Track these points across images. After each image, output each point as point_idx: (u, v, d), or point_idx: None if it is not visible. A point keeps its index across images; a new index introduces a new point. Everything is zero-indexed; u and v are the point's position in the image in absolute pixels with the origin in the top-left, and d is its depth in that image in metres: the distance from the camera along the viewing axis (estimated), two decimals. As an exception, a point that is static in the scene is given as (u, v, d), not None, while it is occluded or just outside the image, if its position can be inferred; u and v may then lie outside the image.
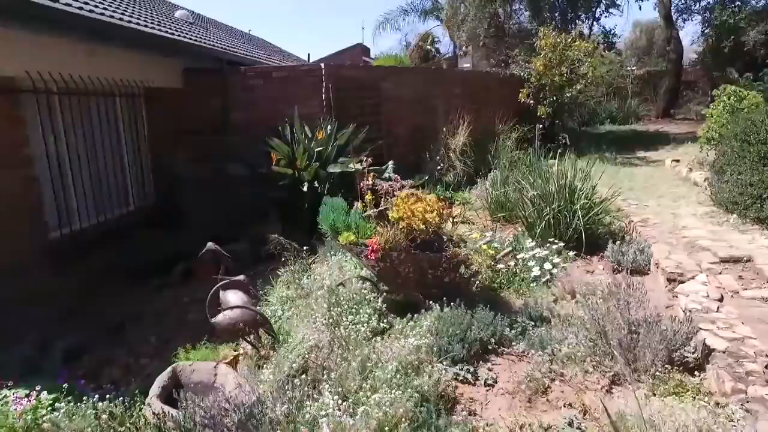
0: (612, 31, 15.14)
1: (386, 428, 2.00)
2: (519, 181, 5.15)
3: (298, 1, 76.84)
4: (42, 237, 4.30)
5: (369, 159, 4.95)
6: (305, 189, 5.73)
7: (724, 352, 2.42)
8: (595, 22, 14.87)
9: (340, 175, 5.91)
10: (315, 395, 2.27)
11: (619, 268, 3.91)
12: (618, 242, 4.16)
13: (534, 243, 4.08)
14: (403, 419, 2.05)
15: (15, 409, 2.46)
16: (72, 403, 2.39)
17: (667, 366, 2.37)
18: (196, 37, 7.05)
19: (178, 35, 6.22)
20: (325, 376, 2.39)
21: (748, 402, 2.14)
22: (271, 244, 4.41)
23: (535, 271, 3.54)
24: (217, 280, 3.16)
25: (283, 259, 4.08)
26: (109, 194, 5.37)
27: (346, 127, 6.37)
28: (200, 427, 1.94)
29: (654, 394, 2.28)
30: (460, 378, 2.53)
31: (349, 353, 2.55)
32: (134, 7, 6.58)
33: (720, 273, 3.57)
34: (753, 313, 2.93)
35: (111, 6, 5.42)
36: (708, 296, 3.11)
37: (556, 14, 13.99)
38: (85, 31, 4.45)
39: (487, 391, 2.49)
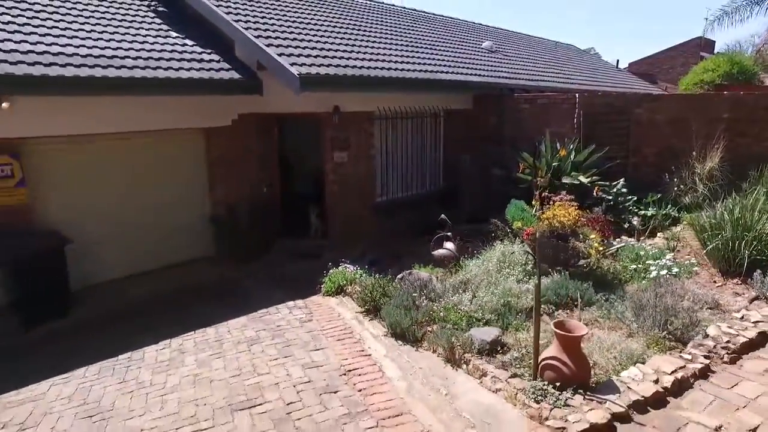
0: None
1: (479, 311, 4.33)
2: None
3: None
4: (373, 200, 7.98)
5: (595, 175, 6.76)
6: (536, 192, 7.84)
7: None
8: None
9: (571, 185, 7.74)
10: (461, 292, 4.76)
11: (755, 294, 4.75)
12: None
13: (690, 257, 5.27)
14: (489, 310, 4.32)
15: (349, 270, 5.82)
16: (366, 275, 5.53)
17: (658, 331, 3.81)
18: (488, 71, 9.84)
19: (475, 75, 9.15)
20: (471, 286, 4.83)
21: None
22: (493, 225, 6.86)
23: (653, 273, 4.92)
24: (444, 235, 5.91)
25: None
26: (413, 178, 8.83)
27: (590, 147, 8.05)
28: (410, 283, 4.73)
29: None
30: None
31: (491, 282, 4.88)
32: (452, 55, 9.86)
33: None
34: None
35: (435, 62, 8.76)
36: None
37: None
38: (421, 86, 7.82)
39: (551, 317, 4.37)
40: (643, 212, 7.65)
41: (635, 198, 7.92)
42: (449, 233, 5.95)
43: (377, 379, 3.68)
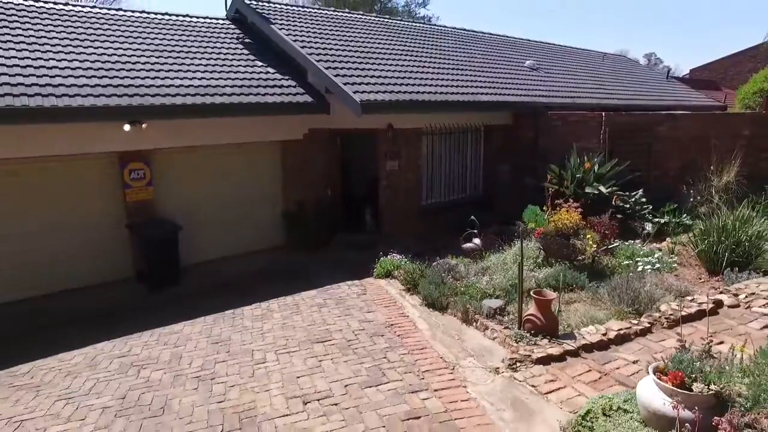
0: None
1: (492, 288, 5.83)
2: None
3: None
4: (419, 203, 9.59)
5: (615, 186, 8.09)
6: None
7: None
8: None
9: (593, 194, 9.01)
10: (480, 275, 6.28)
11: (724, 289, 5.97)
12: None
13: (674, 256, 6.53)
14: (500, 288, 5.82)
15: (396, 259, 7.44)
16: (409, 262, 7.13)
17: (624, 306, 5.17)
18: (526, 90, 11.20)
19: (513, 95, 10.56)
20: (489, 271, 6.33)
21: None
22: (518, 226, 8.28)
23: (639, 268, 6.23)
24: (472, 232, 7.43)
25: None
26: (454, 185, 10.36)
27: (612, 161, 9.28)
28: (441, 267, 6.30)
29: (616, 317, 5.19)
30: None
31: (505, 269, 6.36)
32: (494, 75, 11.32)
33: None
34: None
35: (477, 84, 10.26)
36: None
37: None
38: (463, 107, 9.35)
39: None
40: (657, 219, 8.81)
41: (652, 207, 9.08)
42: (476, 231, 7.46)
43: (411, 330, 5.29)
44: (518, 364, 4.24)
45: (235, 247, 9.11)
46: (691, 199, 9.21)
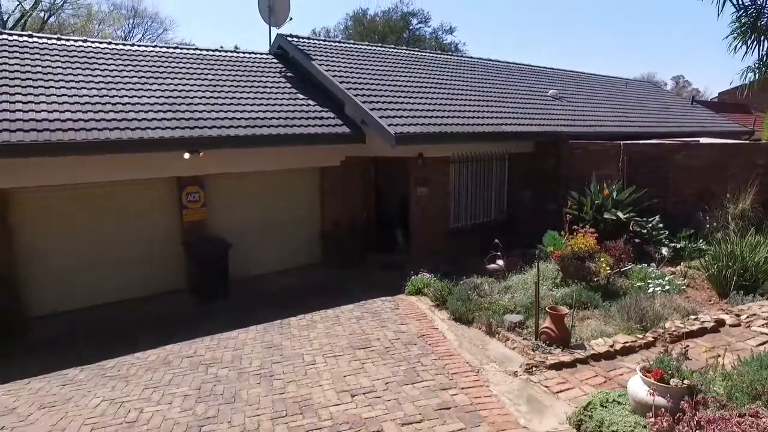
0: None
1: (513, 305, 6.57)
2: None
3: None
4: (447, 225, 10.41)
5: (633, 212, 8.76)
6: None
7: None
8: None
9: (611, 220, 9.67)
10: (503, 293, 7.03)
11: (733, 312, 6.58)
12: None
13: (685, 279, 7.18)
14: (520, 305, 6.56)
15: (426, 277, 8.24)
16: (438, 281, 7.91)
17: (633, 323, 5.85)
18: (549, 119, 11.99)
19: (536, 125, 11.36)
20: (511, 290, 7.08)
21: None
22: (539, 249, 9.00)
23: (650, 289, 6.88)
24: (495, 254, 8.20)
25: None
26: (480, 209, 11.15)
27: (630, 188, 9.95)
28: (467, 285, 7.08)
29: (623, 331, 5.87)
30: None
31: (526, 288, 7.10)
32: (518, 105, 12.15)
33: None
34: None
35: (501, 115, 11.10)
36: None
37: None
38: (488, 137, 10.19)
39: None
40: (673, 245, 9.41)
41: (669, 232, 9.67)
42: (500, 253, 8.23)
43: (440, 340, 6.07)
44: (534, 368, 4.98)
45: (277, 264, 10.05)
46: (707, 226, 9.77)
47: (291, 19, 12.93)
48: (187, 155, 8.46)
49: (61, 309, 8.11)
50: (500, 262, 8.27)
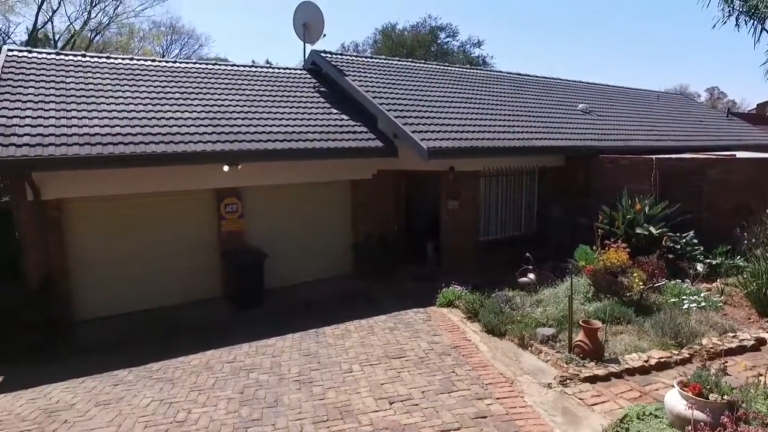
0: None
1: (545, 318, 6.65)
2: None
3: None
4: (477, 238, 10.52)
5: (666, 227, 8.76)
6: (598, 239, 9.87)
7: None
8: None
9: (643, 235, 9.65)
10: (535, 306, 7.11)
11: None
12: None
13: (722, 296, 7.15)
14: (552, 319, 6.63)
15: (457, 290, 8.37)
16: (469, 294, 8.03)
17: (667, 339, 5.87)
18: (579, 134, 12.03)
19: (566, 139, 11.43)
20: (542, 303, 7.16)
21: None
22: (570, 263, 9.04)
23: (685, 305, 6.87)
24: (527, 267, 8.29)
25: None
26: (510, 222, 11.24)
27: (662, 203, 9.91)
28: (499, 298, 7.19)
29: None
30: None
31: (557, 302, 7.17)
32: (548, 119, 12.24)
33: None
34: None
35: (531, 129, 11.21)
36: None
37: None
38: (518, 152, 10.31)
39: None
40: (708, 261, 9.32)
41: (704, 248, 9.58)
42: (531, 267, 8.31)
43: (473, 351, 6.20)
44: (568, 381, 5.07)
45: (310, 274, 10.32)
46: (745, 242, 9.64)
47: (325, 35, 13.34)
48: (226, 168, 8.81)
49: (105, 314, 8.52)
50: (531, 275, 8.35)
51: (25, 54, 9.71)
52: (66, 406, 5.30)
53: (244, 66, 12.30)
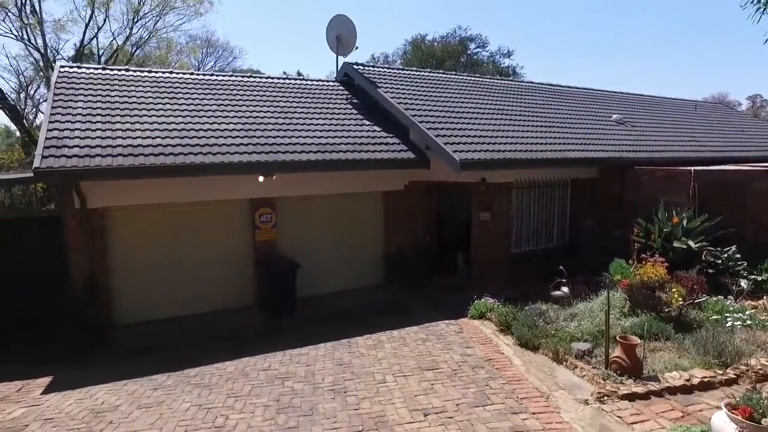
0: None
1: (580, 333, 6.55)
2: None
3: None
4: (509, 250, 10.45)
5: (705, 241, 8.56)
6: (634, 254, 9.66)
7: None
8: None
9: (681, 249, 9.42)
10: (569, 320, 7.02)
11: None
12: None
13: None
14: (587, 333, 6.53)
15: (489, 302, 8.32)
16: (502, 306, 7.98)
17: (710, 357, 5.71)
18: (613, 145, 11.85)
19: (600, 150, 11.28)
20: (577, 317, 7.06)
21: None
22: (604, 277, 8.89)
23: (729, 323, 6.68)
24: (560, 281, 8.19)
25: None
26: (542, 234, 11.14)
27: (701, 217, 9.67)
28: (532, 312, 7.13)
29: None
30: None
31: (592, 316, 7.06)
32: (581, 130, 12.11)
33: None
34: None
35: (564, 140, 11.12)
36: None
37: None
38: (551, 164, 10.24)
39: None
40: (753, 276, 9.01)
41: (748, 263, 9.26)
42: (564, 280, 8.22)
43: (507, 364, 6.16)
44: (605, 397, 4.99)
45: (341, 284, 10.42)
46: (791, 256, 9.30)
47: (357, 48, 13.54)
48: (261, 178, 9.00)
49: (141, 319, 8.77)
50: (565, 289, 8.26)
51: (75, 69, 10.17)
52: (110, 407, 5.49)
53: (277, 78, 12.58)
